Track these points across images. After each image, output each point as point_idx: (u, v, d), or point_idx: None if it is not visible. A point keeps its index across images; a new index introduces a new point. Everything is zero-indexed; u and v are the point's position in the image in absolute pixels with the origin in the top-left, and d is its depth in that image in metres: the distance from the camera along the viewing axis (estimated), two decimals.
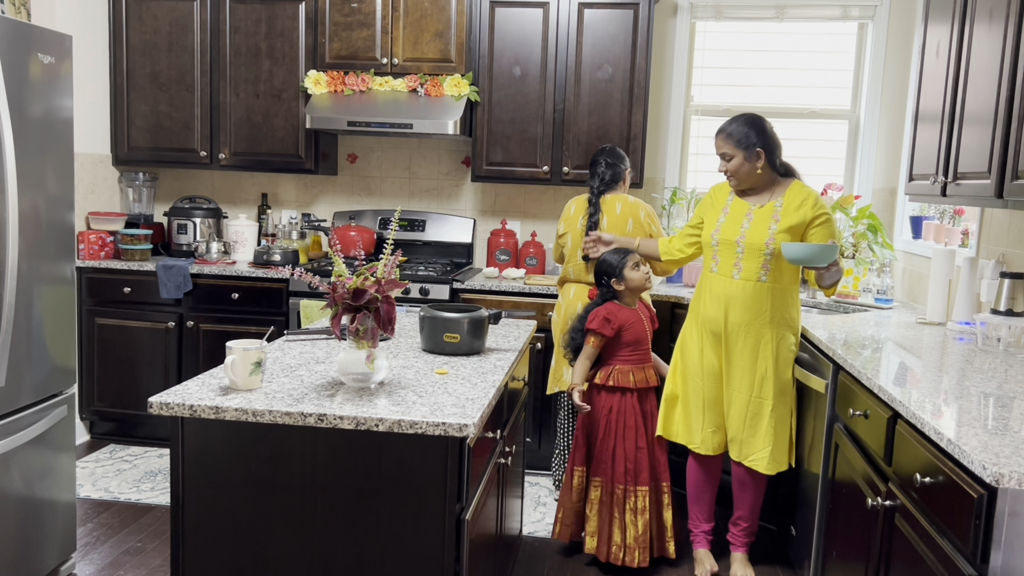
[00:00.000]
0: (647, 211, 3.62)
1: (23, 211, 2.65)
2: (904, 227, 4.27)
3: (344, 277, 1.97)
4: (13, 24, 2.58)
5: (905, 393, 2.13)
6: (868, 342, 2.91)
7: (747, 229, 3.02)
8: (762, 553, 3.38)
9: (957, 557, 1.70)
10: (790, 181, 3.08)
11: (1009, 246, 3.09)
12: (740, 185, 3.07)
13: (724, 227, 3.06)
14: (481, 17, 4.22)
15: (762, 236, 2.98)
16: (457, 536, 1.84)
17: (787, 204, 3.00)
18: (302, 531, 1.86)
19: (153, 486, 3.83)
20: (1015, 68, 2.40)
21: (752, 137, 2.97)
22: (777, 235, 2.97)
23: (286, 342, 2.53)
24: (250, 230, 4.58)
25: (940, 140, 2.97)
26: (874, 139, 4.43)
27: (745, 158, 2.99)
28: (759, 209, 3.03)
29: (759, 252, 2.99)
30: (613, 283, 3.13)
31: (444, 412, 1.83)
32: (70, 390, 2.96)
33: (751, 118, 3.02)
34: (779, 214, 3.00)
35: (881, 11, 4.35)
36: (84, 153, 4.35)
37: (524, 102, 4.23)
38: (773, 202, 3.03)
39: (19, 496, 2.68)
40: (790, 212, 2.99)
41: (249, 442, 1.85)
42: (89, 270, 4.29)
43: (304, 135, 4.40)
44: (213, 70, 4.44)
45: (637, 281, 3.12)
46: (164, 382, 4.28)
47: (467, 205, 4.74)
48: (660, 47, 4.54)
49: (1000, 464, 1.58)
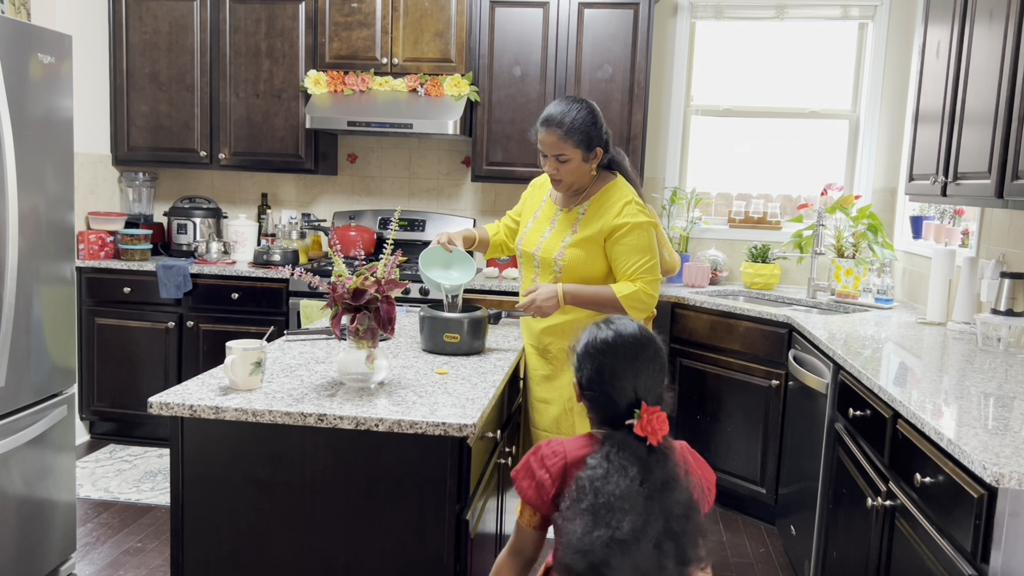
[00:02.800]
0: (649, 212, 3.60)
1: (23, 211, 2.65)
2: (904, 227, 4.27)
3: (344, 277, 1.97)
4: (13, 24, 2.58)
5: (905, 393, 2.13)
6: (868, 342, 2.91)
7: (546, 239, 2.53)
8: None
9: (957, 557, 1.70)
10: (609, 178, 2.52)
11: (1009, 246, 3.09)
12: (568, 190, 2.50)
13: (527, 235, 2.61)
14: (481, 17, 4.22)
15: (554, 249, 2.49)
16: (457, 536, 1.84)
17: (592, 209, 2.46)
18: (302, 531, 1.86)
19: (153, 486, 3.82)
20: (1015, 68, 2.40)
21: (594, 134, 2.42)
22: (568, 249, 2.46)
23: (286, 342, 2.53)
24: (250, 230, 4.58)
25: (940, 140, 2.96)
26: (874, 139, 4.43)
27: (583, 159, 2.43)
28: (564, 214, 2.52)
29: (550, 268, 2.51)
30: None
31: (444, 412, 1.83)
32: (70, 390, 2.96)
33: (589, 107, 2.43)
34: (579, 222, 2.47)
35: (881, 11, 4.35)
36: (84, 153, 4.35)
37: (524, 102, 4.22)
38: (578, 206, 2.49)
39: (19, 496, 2.68)
40: (591, 220, 2.45)
41: (249, 442, 1.85)
42: (89, 270, 4.28)
43: (304, 135, 4.40)
44: (213, 70, 4.44)
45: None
46: (164, 382, 4.28)
47: (467, 205, 4.74)
48: (660, 47, 4.54)
49: (1000, 464, 1.58)
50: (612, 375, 1.52)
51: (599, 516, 1.41)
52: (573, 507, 1.44)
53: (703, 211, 4.62)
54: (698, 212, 4.57)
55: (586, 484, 1.45)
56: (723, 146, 4.66)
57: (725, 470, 3.80)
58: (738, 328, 3.70)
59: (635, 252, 2.43)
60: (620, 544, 1.40)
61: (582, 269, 2.48)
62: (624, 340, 1.54)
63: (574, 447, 1.55)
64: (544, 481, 1.54)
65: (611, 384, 1.52)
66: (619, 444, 1.48)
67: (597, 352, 1.55)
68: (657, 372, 1.54)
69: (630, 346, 1.53)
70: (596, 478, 1.44)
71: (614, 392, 1.52)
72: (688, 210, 4.52)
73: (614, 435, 1.50)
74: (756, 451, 3.64)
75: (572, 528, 1.43)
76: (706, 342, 3.85)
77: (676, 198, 4.46)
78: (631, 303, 2.41)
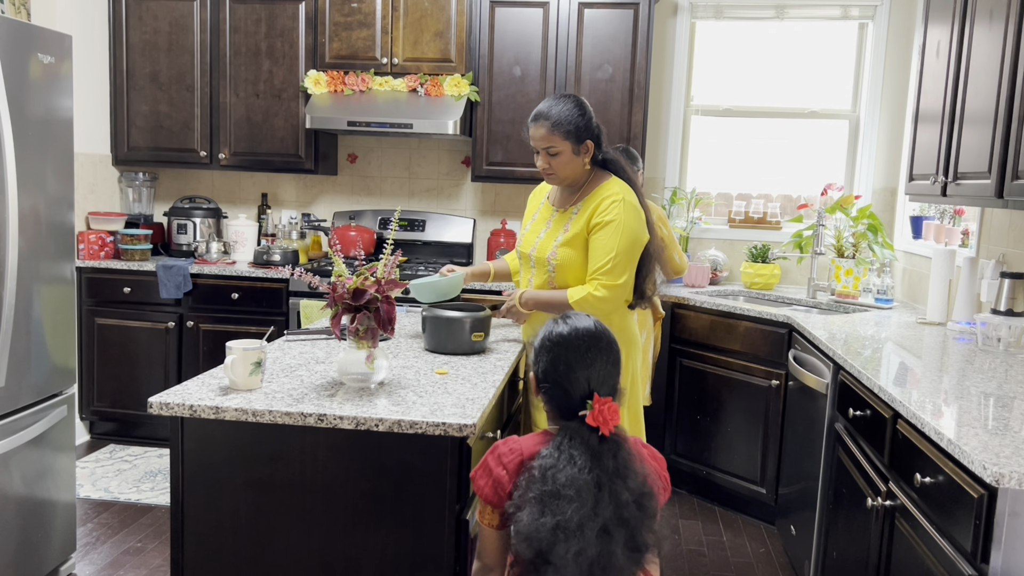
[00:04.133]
0: (658, 214, 3.59)
1: (23, 211, 2.65)
2: (904, 227, 4.27)
3: (344, 277, 1.97)
4: (13, 24, 2.58)
5: (905, 393, 2.13)
6: (868, 342, 2.91)
7: (541, 239, 2.54)
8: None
9: (957, 557, 1.70)
10: (604, 176, 2.51)
11: (1009, 246, 3.09)
12: (562, 183, 2.52)
13: (525, 236, 2.62)
14: (481, 17, 4.22)
15: (548, 248, 2.50)
16: (457, 536, 1.84)
17: (584, 207, 2.47)
18: (302, 531, 1.86)
19: (153, 486, 3.82)
20: (1015, 68, 2.40)
21: (582, 126, 2.41)
22: (560, 248, 2.47)
23: (286, 342, 2.53)
24: (250, 230, 4.58)
25: (940, 140, 2.96)
26: (874, 139, 4.43)
27: (573, 152, 2.44)
28: (559, 214, 2.53)
29: (544, 268, 2.52)
30: None
31: (444, 412, 1.83)
32: (70, 390, 2.96)
33: (578, 101, 2.45)
34: (571, 221, 2.48)
35: (881, 11, 4.35)
36: (84, 153, 4.35)
37: (524, 102, 4.22)
38: (573, 206, 2.51)
39: (19, 496, 2.68)
40: (579, 218, 2.46)
41: (249, 442, 1.85)
42: (89, 270, 4.28)
43: (304, 135, 4.40)
44: (213, 70, 4.44)
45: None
46: (164, 382, 4.28)
47: (467, 205, 4.74)
48: (660, 47, 4.54)
49: (1000, 464, 1.58)
50: (567, 367, 1.57)
51: (546, 504, 1.44)
52: (523, 496, 1.48)
53: (703, 211, 4.62)
54: (698, 212, 4.57)
55: (536, 473, 1.49)
56: (723, 146, 4.66)
57: (725, 470, 3.80)
58: (738, 328, 3.70)
59: (598, 251, 2.40)
60: (565, 531, 1.42)
61: (575, 267, 2.48)
62: (578, 334, 1.59)
63: (530, 444, 1.59)
64: (501, 478, 1.57)
65: (565, 376, 1.56)
66: (571, 434, 1.52)
67: (553, 345, 1.60)
68: (610, 365, 1.59)
69: (583, 339, 1.58)
70: (546, 467, 1.48)
71: (568, 384, 1.56)
72: (688, 210, 4.52)
73: (567, 426, 1.54)
74: (756, 451, 3.64)
75: (520, 516, 1.46)
76: (706, 342, 3.85)
77: (676, 198, 4.46)
78: (581, 307, 2.37)
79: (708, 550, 3.44)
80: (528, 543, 1.45)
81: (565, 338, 1.59)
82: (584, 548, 1.44)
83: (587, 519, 1.44)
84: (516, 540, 1.48)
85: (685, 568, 3.26)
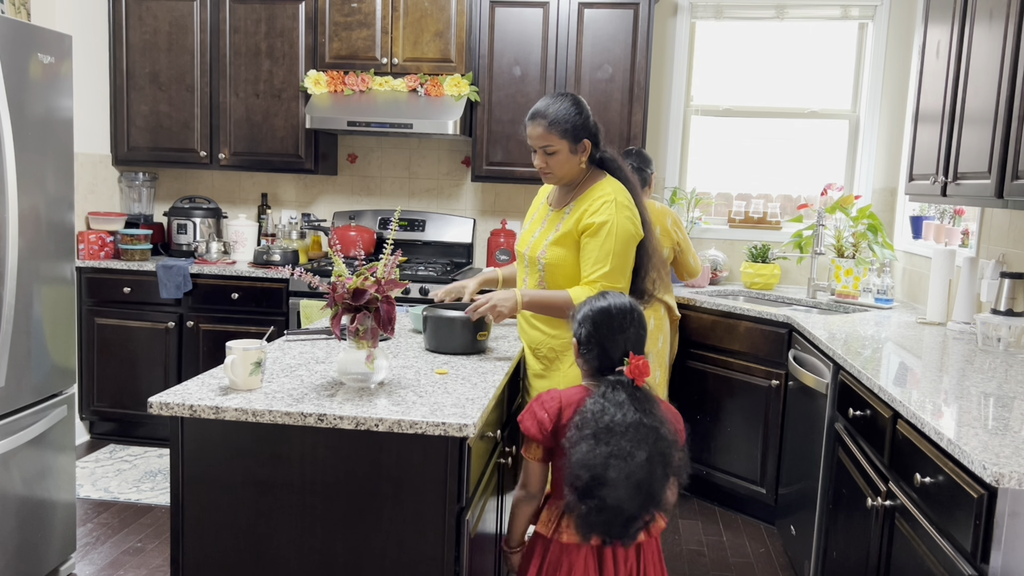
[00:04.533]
0: (673, 218, 3.58)
1: (23, 211, 2.65)
2: (904, 227, 4.27)
3: (344, 277, 1.97)
4: (13, 24, 2.58)
5: (905, 393, 2.13)
6: (868, 342, 2.91)
7: (535, 239, 2.53)
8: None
9: (957, 557, 1.70)
10: (600, 176, 2.50)
11: (1009, 246, 3.09)
12: (559, 182, 2.51)
13: (522, 236, 2.62)
14: (481, 17, 4.22)
15: (539, 247, 2.49)
16: (457, 536, 1.84)
17: (577, 206, 2.46)
18: (302, 531, 1.86)
19: (153, 486, 3.82)
20: (1015, 68, 2.40)
21: (579, 125, 2.41)
22: (550, 247, 2.46)
23: (286, 342, 2.53)
24: (250, 230, 4.58)
25: (940, 140, 2.96)
26: (874, 139, 4.43)
27: (570, 151, 2.42)
28: (555, 213, 2.52)
29: (535, 267, 2.51)
30: None
31: (444, 412, 1.83)
32: (70, 390, 2.96)
33: (575, 99, 2.44)
34: (564, 220, 2.47)
35: (881, 11, 4.35)
36: (84, 153, 4.35)
37: (524, 102, 4.22)
38: (567, 206, 2.50)
39: (19, 496, 2.68)
40: (571, 217, 2.45)
41: (249, 442, 1.85)
42: (89, 270, 4.28)
43: (304, 135, 4.40)
44: (213, 70, 4.44)
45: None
46: (164, 382, 4.28)
47: (467, 205, 4.74)
48: (660, 47, 4.54)
49: (1000, 464, 1.58)
50: (609, 332, 1.92)
51: (600, 438, 1.79)
52: (577, 434, 1.82)
53: (703, 211, 4.62)
54: (698, 212, 4.57)
55: (588, 416, 1.83)
56: (723, 146, 4.66)
57: (725, 470, 3.80)
58: (738, 328, 3.70)
59: (593, 252, 2.38)
60: (617, 457, 1.78)
61: (565, 266, 2.46)
62: (617, 307, 1.95)
63: (568, 394, 1.95)
64: (543, 419, 1.92)
65: (607, 338, 1.92)
66: (612, 385, 1.87)
67: (595, 314, 1.94)
68: (642, 331, 1.96)
69: (621, 311, 1.94)
70: (597, 412, 1.83)
71: (609, 345, 1.92)
72: (688, 210, 4.52)
73: (607, 379, 1.89)
74: (756, 451, 3.64)
75: (578, 449, 1.80)
76: (706, 342, 3.85)
77: (676, 198, 4.46)
78: None
79: (708, 550, 3.44)
80: (586, 468, 1.78)
81: (606, 310, 1.93)
82: (633, 471, 1.78)
83: (635, 447, 1.79)
84: (574, 468, 1.79)
85: (685, 568, 3.26)
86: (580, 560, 1.92)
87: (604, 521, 1.82)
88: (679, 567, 3.26)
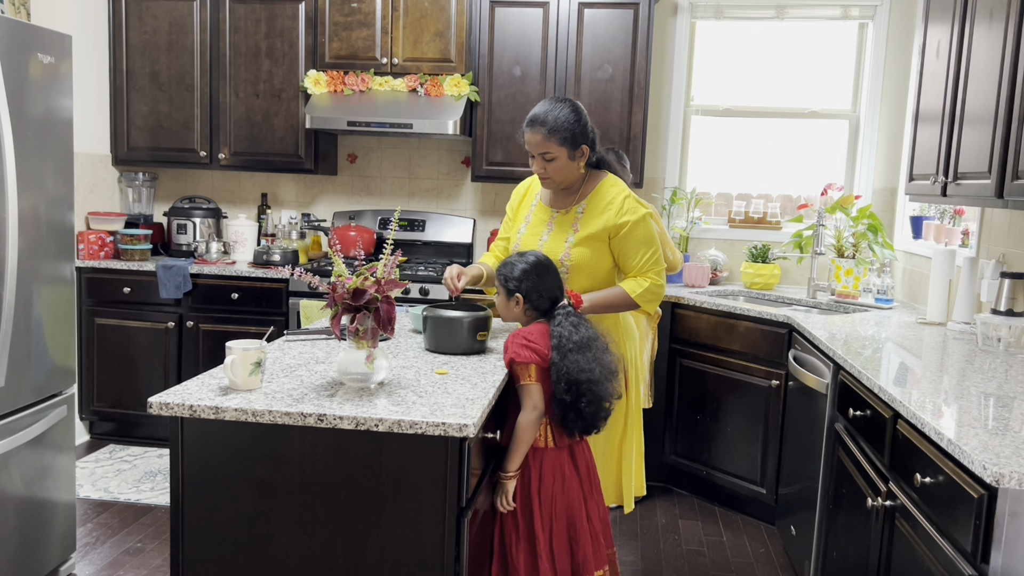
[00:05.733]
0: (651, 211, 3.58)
1: (23, 211, 2.65)
2: (904, 227, 4.27)
3: (344, 277, 1.97)
4: (13, 24, 2.58)
5: (905, 393, 2.13)
6: (868, 342, 2.91)
7: (545, 242, 2.55)
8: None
9: (957, 557, 1.70)
10: (601, 176, 2.55)
11: (1009, 246, 3.09)
12: (558, 187, 2.54)
13: (524, 239, 2.61)
14: (481, 17, 4.22)
15: (558, 250, 2.51)
16: (457, 536, 1.84)
17: (590, 207, 2.50)
18: (302, 531, 1.86)
19: (153, 486, 3.82)
20: (1015, 68, 2.40)
21: (578, 132, 2.44)
22: (573, 249, 2.49)
23: (286, 342, 2.53)
24: (250, 230, 4.57)
25: (940, 140, 2.96)
26: (874, 139, 4.43)
27: (569, 157, 2.45)
28: (561, 215, 2.54)
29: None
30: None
31: (444, 412, 1.83)
32: (70, 390, 2.96)
33: (573, 105, 2.46)
34: (579, 221, 2.51)
35: (881, 11, 4.35)
36: (84, 153, 4.35)
37: (524, 102, 4.22)
38: (576, 206, 2.53)
39: (19, 496, 2.68)
40: (592, 217, 2.49)
41: (249, 442, 1.85)
42: (89, 270, 4.28)
43: (304, 135, 4.40)
44: (213, 70, 4.44)
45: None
46: (164, 382, 4.28)
47: (467, 205, 4.74)
48: (660, 47, 4.54)
49: (1000, 464, 1.58)
50: (543, 280, 2.27)
51: (581, 350, 2.17)
52: (562, 349, 2.17)
53: (703, 211, 4.62)
54: (698, 212, 4.57)
55: (564, 337, 2.18)
56: (723, 146, 4.66)
57: (725, 470, 3.80)
58: (738, 328, 3.70)
59: (641, 246, 2.51)
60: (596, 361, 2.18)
61: (591, 266, 2.53)
62: (540, 260, 2.31)
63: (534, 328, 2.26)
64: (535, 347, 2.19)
65: (546, 281, 2.28)
66: (566, 314, 2.23)
67: (531, 268, 2.28)
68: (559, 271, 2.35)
69: (545, 262, 2.32)
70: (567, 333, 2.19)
71: (547, 290, 2.28)
72: (688, 210, 4.52)
73: (559, 311, 2.25)
74: (756, 451, 3.64)
75: (570, 360, 2.15)
76: (706, 342, 3.85)
77: (676, 198, 4.46)
78: (645, 299, 2.52)
79: (708, 550, 3.44)
80: (583, 372, 2.14)
81: (536, 264, 2.30)
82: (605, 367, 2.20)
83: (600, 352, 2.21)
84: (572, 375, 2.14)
85: (685, 568, 3.25)
86: (562, 459, 2.29)
87: (592, 414, 2.19)
88: (679, 567, 3.26)
